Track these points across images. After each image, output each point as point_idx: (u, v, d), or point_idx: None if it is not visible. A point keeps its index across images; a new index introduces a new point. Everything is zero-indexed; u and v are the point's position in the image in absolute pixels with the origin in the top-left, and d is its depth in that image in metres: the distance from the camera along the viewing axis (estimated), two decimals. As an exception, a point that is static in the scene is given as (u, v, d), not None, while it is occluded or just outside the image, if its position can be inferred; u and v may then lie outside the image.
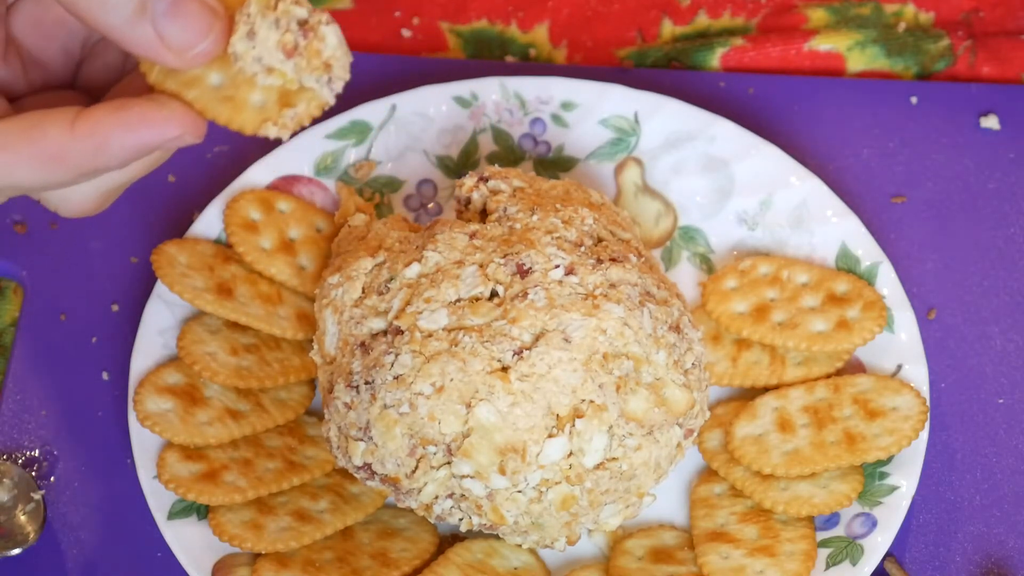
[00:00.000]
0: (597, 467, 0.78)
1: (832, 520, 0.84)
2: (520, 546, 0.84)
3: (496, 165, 0.95)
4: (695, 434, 0.82)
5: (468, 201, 0.87)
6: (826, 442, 0.85)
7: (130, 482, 0.88)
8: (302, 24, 0.63)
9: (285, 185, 0.95)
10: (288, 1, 0.63)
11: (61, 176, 0.63)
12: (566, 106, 0.97)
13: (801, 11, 1.06)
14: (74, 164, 0.63)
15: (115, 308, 0.95)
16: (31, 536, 0.87)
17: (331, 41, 0.63)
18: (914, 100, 1.01)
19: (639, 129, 0.96)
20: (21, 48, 0.69)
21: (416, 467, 0.79)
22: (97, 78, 0.70)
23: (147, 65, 0.63)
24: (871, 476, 0.85)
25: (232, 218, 0.92)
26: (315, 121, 0.96)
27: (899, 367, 0.88)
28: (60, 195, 0.68)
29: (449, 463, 0.78)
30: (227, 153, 1.00)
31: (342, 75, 0.64)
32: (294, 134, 0.73)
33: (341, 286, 0.83)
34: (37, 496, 0.88)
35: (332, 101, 0.64)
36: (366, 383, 0.79)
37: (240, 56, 0.63)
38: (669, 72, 1.03)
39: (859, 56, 1.03)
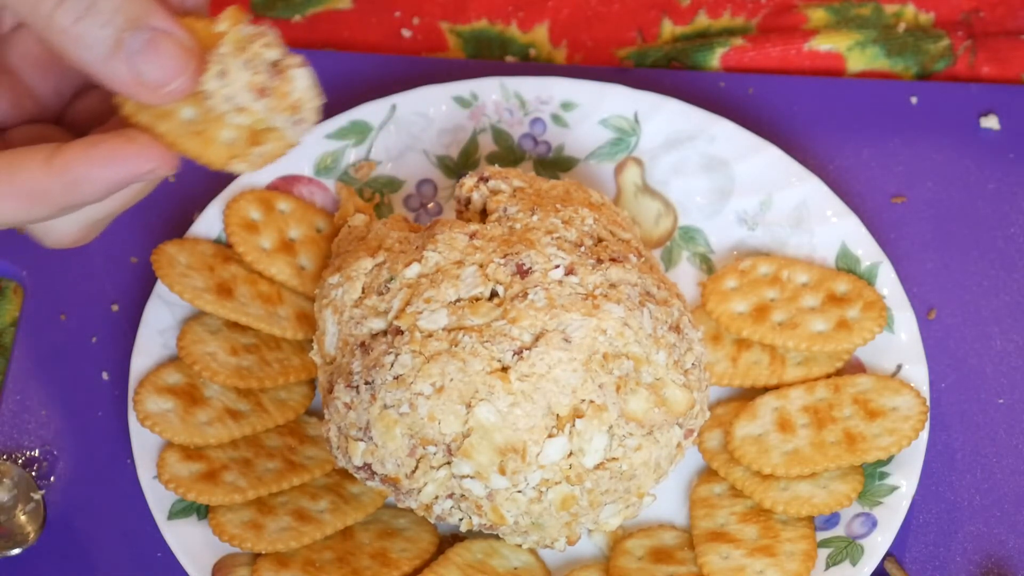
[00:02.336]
0: (597, 467, 0.78)
1: (832, 520, 0.84)
2: (520, 546, 0.84)
3: (496, 165, 0.95)
4: (695, 434, 0.82)
5: (468, 201, 0.87)
6: (826, 442, 0.85)
7: (130, 482, 0.88)
8: (274, 65, 0.64)
9: (285, 185, 0.95)
10: (260, 43, 0.64)
11: (41, 212, 0.64)
12: (566, 106, 0.97)
13: (801, 11, 1.06)
14: (53, 200, 0.63)
15: (115, 308, 0.95)
16: (31, 536, 0.87)
17: (300, 84, 0.65)
18: (914, 100, 1.01)
19: (639, 129, 0.96)
20: (16, 79, 0.69)
21: (416, 467, 0.79)
22: (87, 114, 0.70)
23: (121, 98, 0.64)
24: (871, 476, 0.85)
25: (232, 218, 0.92)
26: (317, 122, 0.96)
27: (899, 367, 0.88)
28: (43, 226, 0.68)
29: (449, 463, 0.78)
30: (227, 153, 1.00)
31: (310, 117, 0.66)
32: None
33: (341, 286, 0.83)
34: (37, 496, 0.88)
35: (299, 142, 0.66)
36: (366, 383, 0.79)
37: (211, 94, 0.64)
38: (669, 72, 1.03)
39: (859, 56, 1.03)
